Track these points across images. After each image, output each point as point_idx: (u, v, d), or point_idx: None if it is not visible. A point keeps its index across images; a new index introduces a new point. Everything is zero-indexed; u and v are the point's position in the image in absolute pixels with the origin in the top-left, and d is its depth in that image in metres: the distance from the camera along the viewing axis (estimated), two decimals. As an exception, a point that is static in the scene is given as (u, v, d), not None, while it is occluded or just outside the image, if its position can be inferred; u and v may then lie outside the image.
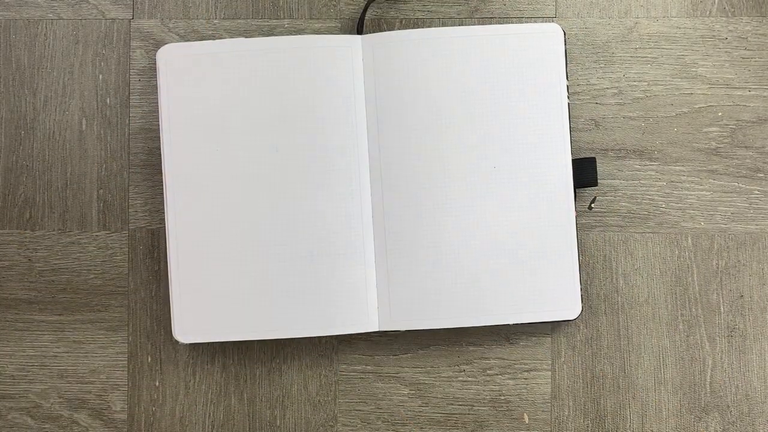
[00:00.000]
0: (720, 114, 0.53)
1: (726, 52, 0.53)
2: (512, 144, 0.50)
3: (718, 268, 0.53)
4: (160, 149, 0.51)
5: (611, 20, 0.54)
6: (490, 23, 0.53)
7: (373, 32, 0.52)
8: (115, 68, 0.54)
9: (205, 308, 0.50)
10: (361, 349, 0.53)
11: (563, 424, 0.52)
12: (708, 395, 0.52)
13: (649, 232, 0.53)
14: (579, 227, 0.52)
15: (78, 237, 0.53)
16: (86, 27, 0.54)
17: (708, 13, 0.53)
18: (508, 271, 0.50)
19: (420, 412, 0.53)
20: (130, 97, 0.54)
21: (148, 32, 0.54)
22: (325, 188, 0.50)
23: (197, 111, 0.51)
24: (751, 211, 0.53)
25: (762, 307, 0.52)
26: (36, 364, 0.53)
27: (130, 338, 0.53)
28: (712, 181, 0.53)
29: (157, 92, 0.51)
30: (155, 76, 0.52)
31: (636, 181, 0.53)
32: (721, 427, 0.52)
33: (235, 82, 0.51)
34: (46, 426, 0.53)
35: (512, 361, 0.53)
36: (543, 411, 0.53)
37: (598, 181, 0.52)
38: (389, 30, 0.53)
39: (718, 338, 0.52)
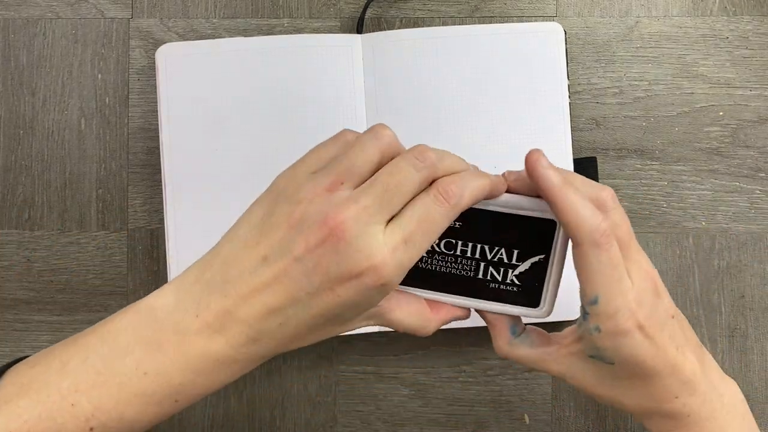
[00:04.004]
0: (721, 113, 0.53)
1: (727, 51, 0.53)
2: (513, 143, 0.50)
3: (719, 268, 0.52)
4: (159, 149, 0.51)
5: (612, 19, 0.53)
6: (491, 22, 0.53)
7: (373, 31, 0.52)
8: (114, 67, 0.54)
9: (204, 308, 0.50)
10: (361, 350, 0.53)
11: (564, 424, 0.52)
12: (709, 396, 0.52)
13: (650, 232, 0.53)
14: (580, 227, 0.52)
15: (77, 237, 0.53)
16: (85, 26, 0.54)
17: (709, 12, 0.53)
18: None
19: (420, 412, 0.53)
20: (129, 96, 0.53)
21: (147, 31, 0.54)
22: (324, 188, 0.50)
23: (196, 110, 0.51)
24: (753, 211, 0.53)
25: (763, 308, 0.52)
26: (35, 364, 0.53)
27: (130, 338, 0.53)
28: (714, 180, 0.53)
29: (156, 91, 0.51)
30: (154, 76, 0.52)
31: (637, 181, 0.53)
32: (722, 428, 0.52)
33: (235, 82, 0.51)
34: (45, 427, 0.53)
35: (513, 362, 0.52)
36: (543, 411, 0.52)
37: (599, 180, 0.52)
38: (389, 29, 0.53)
39: (719, 338, 0.52)
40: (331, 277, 0.32)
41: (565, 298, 0.50)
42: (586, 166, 0.51)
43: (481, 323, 0.41)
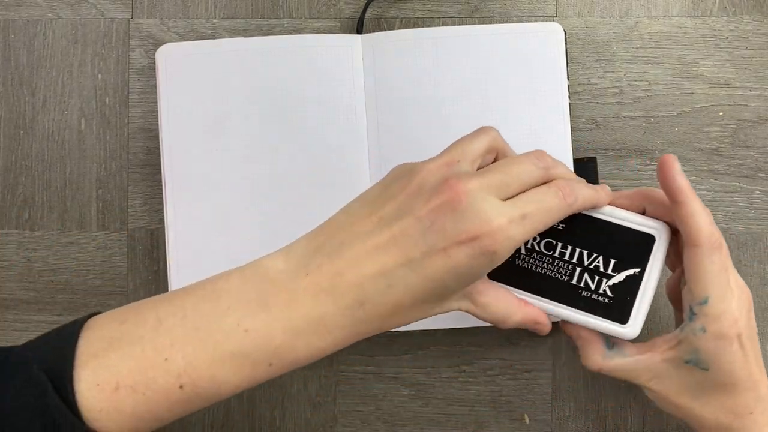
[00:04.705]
0: (721, 114, 0.53)
1: (727, 51, 0.53)
2: (513, 143, 0.50)
3: (719, 268, 0.52)
4: (159, 149, 0.51)
5: (612, 20, 0.53)
6: (491, 23, 0.53)
7: (373, 31, 0.52)
8: (114, 68, 0.54)
9: (204, 308, 0.50)
10: (361, 350, 0.53)
11: (564, 424, 0.52)
12: (709, 396, 0.52)
13: (650, 232, 0.53)
14: (580, 227, 0.52)
15: (77, 237, 0.53)
16: (85, 26, 0.54)
17: (709, 12, 0.53)
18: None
19: (420, 412, 0.53)
20: (129, 96, 0.54)
21: (147, 32, 0.54)
22: (325, 188, 0.50)
23: (196, 110, 0.51)
24: (753, 211, 0.53)
25: (763, 308, 0.52)
26: (35, 364, 0.53)
27: (130, 339, 0.53)
28: (713, 180, 0.53)
29: (156, 92, 0.51)
30: (154, 76, 0.52)
31: (637, 181, 0.53)
32: (722, 428, 0.52)
33: (235, 82, 0.51)
34: (45, 427, 0.53)
35: (513, 362, 0.53)
36: (543, 411, 0.52)
37: (599, 180, 0.52)
38: (389, 29, 0.53)
39: (719, 338, 0.52)
40: (447, 236, 0.33)
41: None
42: (586, 166, 0.51)
43: (482, 323, 0.41)
